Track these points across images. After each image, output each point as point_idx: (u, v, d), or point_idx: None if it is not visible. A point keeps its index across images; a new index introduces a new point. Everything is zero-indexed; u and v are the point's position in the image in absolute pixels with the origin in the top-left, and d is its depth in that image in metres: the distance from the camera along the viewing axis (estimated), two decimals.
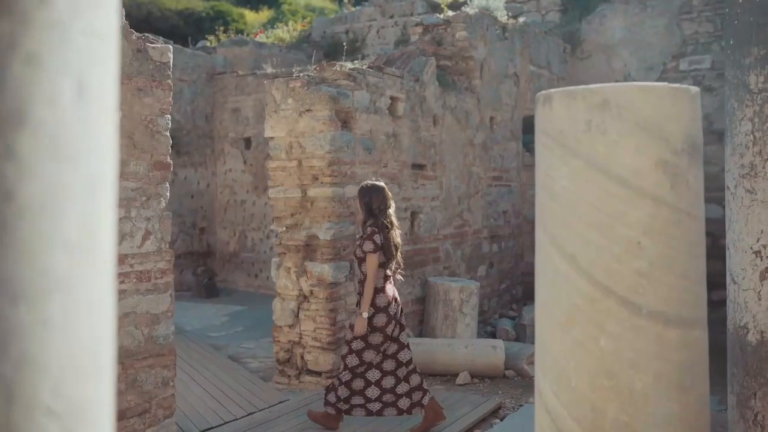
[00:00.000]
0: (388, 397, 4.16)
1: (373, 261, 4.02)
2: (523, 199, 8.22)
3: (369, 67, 5.71)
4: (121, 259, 3.50)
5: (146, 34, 3.69)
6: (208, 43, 13.39)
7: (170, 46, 3.78)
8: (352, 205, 5.35)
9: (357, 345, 4.08)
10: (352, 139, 5.32)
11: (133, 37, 3.57)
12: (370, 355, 4.08)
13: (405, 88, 5.98)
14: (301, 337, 5.28)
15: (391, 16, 13.49)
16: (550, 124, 1.86)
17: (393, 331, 4.10)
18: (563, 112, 1.82)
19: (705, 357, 1.84)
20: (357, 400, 4.13)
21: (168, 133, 3.77)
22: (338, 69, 5.34)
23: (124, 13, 3.58)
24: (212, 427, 4.31)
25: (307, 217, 5.25)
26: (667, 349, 1.74)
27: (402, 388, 4.16)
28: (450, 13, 7.26)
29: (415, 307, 6.14)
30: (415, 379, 4.19)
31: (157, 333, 3.70)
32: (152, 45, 3.67)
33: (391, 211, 4.18)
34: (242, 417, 4.47)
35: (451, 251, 6.76)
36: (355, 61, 6.03)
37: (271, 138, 5.37)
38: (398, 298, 4.24)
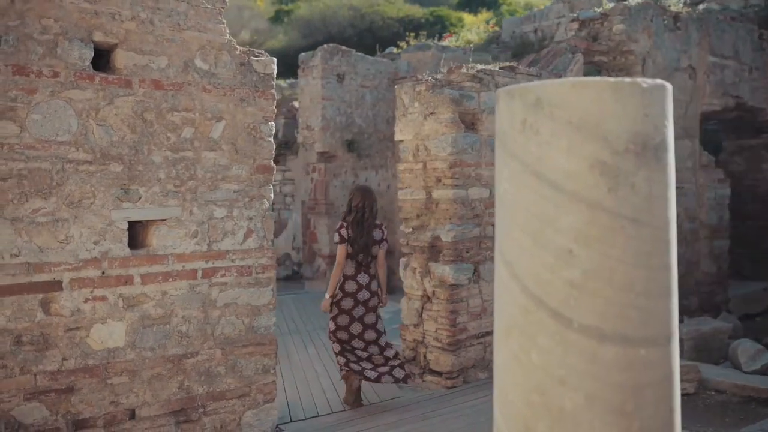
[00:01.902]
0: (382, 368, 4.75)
1: (339, 251, 4.75)
2: (699, 202, 7.49)
3: (501, 68, 5.61)
4: (222, 254, 3.86)
5: (252, 49, 4.00)
6: (395, 50, 13.88)
7: (274, 59, 4.06)
8: (477, 207, 5.31)
9: (331, 325, 4.83)
10: (477, 141, 5.27)
11: (238, 52, 3.91)
12: (343, 335, 4.76)
13: None
14: (424, 337, 5.36)
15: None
16: (497, 124, 1.79)
17: (359, 313, 4.77)
18: (505, 111, 1.74)
19: (662, 381, 1.64)
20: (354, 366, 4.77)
21: (271, 139, 4.06)
22: (464, 71, 5.33)
23: (227, 30, 3.93)
24: (318, 416, 4.55)
25: (432, 218, 5.30)
26: (602, 369, 1.59)
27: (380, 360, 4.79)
28: (609, 5, 6.84)
29: None
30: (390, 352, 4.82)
31: (258, 324, 4.01)
32: (256, 58, 3.98)
33: (374, 210, 4.81)
34: (348, 410, 4.67)
35: None
36: (491, 64, 5.94)
37: (401, 141, 5.51)
38: (376, 288, 4.80)
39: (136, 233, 3.66)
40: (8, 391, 3.19)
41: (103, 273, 3.45)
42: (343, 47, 11.47)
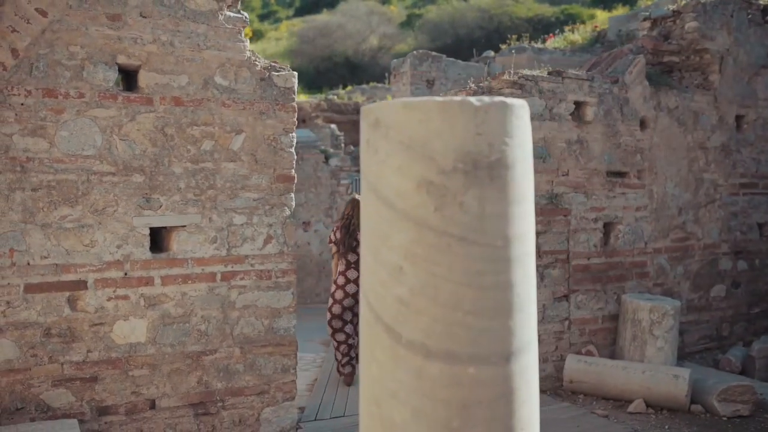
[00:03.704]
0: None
1: (333, 250, 5.71)
2: None
3: (549, 73, 5.50)
4: (241, 258, 4.10)
5: (273, 64, 4.22)
6: (492, 53, 13.77)
7: (294, 73, 4.25)
8: None
9: (327, 315, 5.60)
10: None
11: (258, 68, 4.14)
12: (337, 323, 5.52)
13: (596, 91, 5.59)
14: None
15: None
16: None
17: (349, 304, 5.55)
18: (362, 130, 1.81)
19: (496, 400, 1.65)
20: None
21: (292, 150, 4.26)
22: (506, 77, 5.28)
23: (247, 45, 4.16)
24: (344, 416, 4.69)
25: None
26: (427, 385, 1.63)
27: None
28: (684, 0, 6.48)
29: (607, 324, 5.70)
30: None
31: (277, 325, 4.22)
32: (277, 73, 4.19)
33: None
34: None
35: (667, 267, 6.07)
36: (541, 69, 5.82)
37: None
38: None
39: (160, 238, 3.98)
40: (38, 377, 3.59)
41: (125, 274, 3.79)
42: (434, 53, 11.55)
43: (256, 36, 38.15)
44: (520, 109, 1.73)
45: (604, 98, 5.65)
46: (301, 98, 15.61)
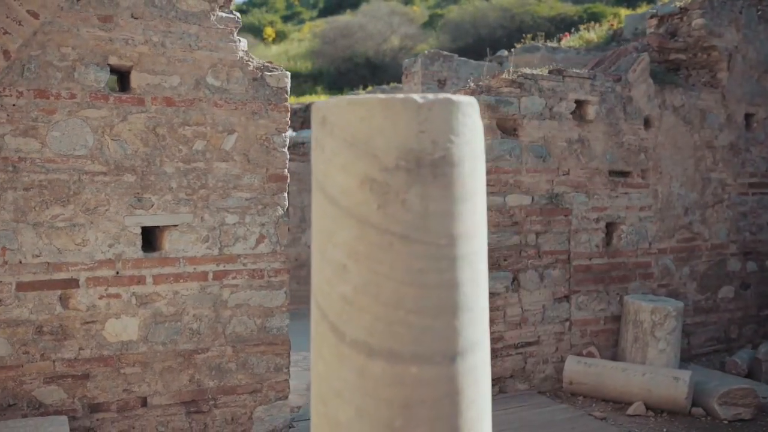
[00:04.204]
0: None
1: None
2: None
3: (550, 72, 5.45)
4: (234, 258, 4.12)
5: (266, 64, 4.24)
6: (506, 52, 13.68)
7: (287, 73, 4.26)
8: (517, 215, 5.21)
9: None
10: (516, 147, 5.17)
11: (251, 68, 4.15)
12: None
13: (598, 89, 5.53)
14: None
15: None
16: None
17: None
18: (312, 128, 1.81)
19: (440, 400, 1.63)
20: None
21: (285, 150, 4.27)
22: (504, 76, 5.25)
23: (247, 46, 4.19)
24: None
25: None
26: (370, 383, 1.62)
27: None
28: None
29: (609, 325, 5.64)
30: None
31: (270, 324, 4.24)
32: (270, 73, 4.21)
33: None
34: None
35: (673, 267, 5.99)
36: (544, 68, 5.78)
37: None
38: None
39: (153, 237, 4.02)
40: (30, 374, 3.64)
41: (117, 273, 3.83)
42: (445, 52, 11.52)
43: (279, 37, 38.36)
44: (468, 106, 1.71)
45: (607, 97, 5.59)
46: (322, 99, 15.66)
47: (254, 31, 37.84)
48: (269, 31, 38.45)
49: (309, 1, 46.12)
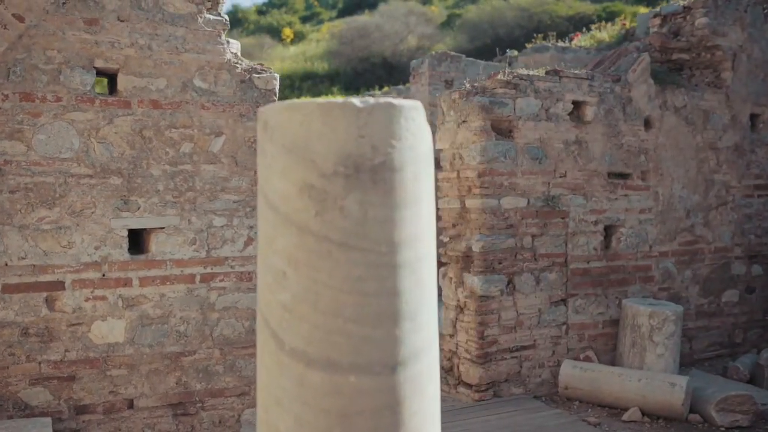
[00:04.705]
0: None
1: None
2: None
3: (547, 73, 5.39)
4: (221, 260, 4.12)
5: (255, 66, 4.23)
6: (515, 52, 13.59)
7: (276, 75, 4.25)
8: (512, 217, 5.16)
9: None
10: (512, 149, 5.12)
11: (238, 70, 4.15)
12: None
13: (597, 90, 5.46)
14: (457, 348, 5.30)
15: None
16: None
17: None
18: (257, 133, 1.79)
19: (380, 410, 1.60)
20: None
21: None
22: (500, 77, 5.20)
23: (239, 49, 4.19)
24: None
25: (467, 228, 5.23)
26: (309, 393, 1.60)
27: None
28: None
29: (608, 329, 5.56)
30: None
31: None
32: (258, 75, 4.20)
33: None
34: None
35: (674, 271, 5.90)
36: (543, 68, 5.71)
37: (440, 150, 5.49)
38: None
39: (140, 239, 4.02)
40: (15, 375, 3.66)
41: (103, 275, 3.84)
42: (453, 53, 11.46)
43: (298, 38, 38.44)
44: (412, 110, 1.68)
45: (605, 97, 5.52)
46: (339, 99, 15.65)
47: (272, 32, 37.98)
48: (287, 32, 38.55)
49: (328, 2, 46.16)
